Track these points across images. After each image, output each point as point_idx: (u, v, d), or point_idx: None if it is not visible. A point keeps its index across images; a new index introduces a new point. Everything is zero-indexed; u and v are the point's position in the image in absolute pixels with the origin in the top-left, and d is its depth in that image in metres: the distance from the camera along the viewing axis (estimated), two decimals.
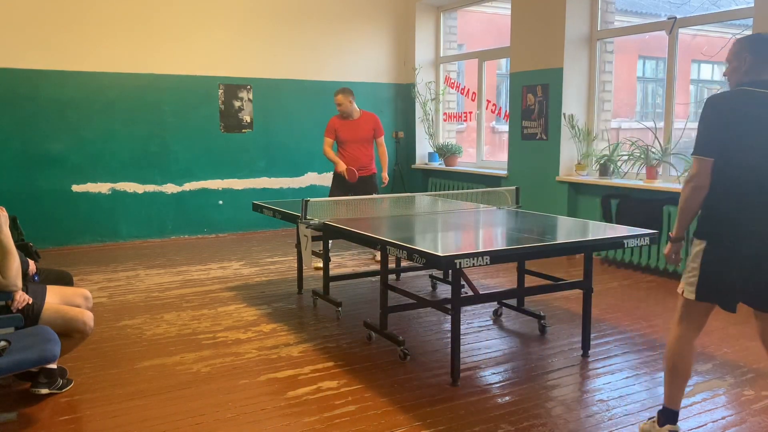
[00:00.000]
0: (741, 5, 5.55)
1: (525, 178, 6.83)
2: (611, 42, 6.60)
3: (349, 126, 6.02)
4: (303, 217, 4.24)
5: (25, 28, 6.63)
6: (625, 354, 3.81)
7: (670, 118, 5.90)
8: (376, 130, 6.12)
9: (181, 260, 6.47)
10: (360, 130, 6.04)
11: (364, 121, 6.07)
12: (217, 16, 7.53)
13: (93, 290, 5.11)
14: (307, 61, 8.10)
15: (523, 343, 4.06)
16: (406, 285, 5.22)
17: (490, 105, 8.03)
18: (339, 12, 8.24)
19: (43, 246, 6.45)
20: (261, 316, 4.59)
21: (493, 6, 9.47)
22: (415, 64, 8.59)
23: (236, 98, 7.77)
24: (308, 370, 3.57)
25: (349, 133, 6.02)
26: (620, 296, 5.13)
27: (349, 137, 6.02)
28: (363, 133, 6.06)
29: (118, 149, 7.21)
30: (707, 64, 11.99)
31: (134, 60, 7.17)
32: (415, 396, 3.22)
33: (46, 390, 3.21)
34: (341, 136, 6.02)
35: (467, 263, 3.04)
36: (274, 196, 7.94)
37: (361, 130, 6.05)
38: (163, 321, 4.49)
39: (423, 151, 8.86)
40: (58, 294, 3.40)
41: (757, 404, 3.13)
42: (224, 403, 3.15)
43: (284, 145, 8.08)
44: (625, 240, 3.56)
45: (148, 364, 3.67)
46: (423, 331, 4.28)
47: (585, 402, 3.20)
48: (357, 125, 6.03)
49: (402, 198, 5.56)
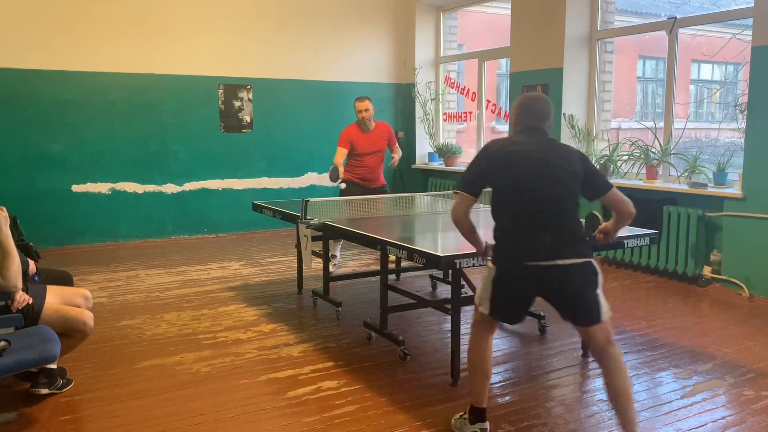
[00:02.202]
0: (741, 5, 5.55)
1: None
2: (611, 42, 6.60)
3: (367, 138, 5.70)
4: (303, 217, 4.25)
5: (25, 28, 6.63)
6: (625, 354, 3.81)
7: (670, 118, 5.90)
8: (390, 140, 5.88)
9: (181, 260, 6.47)
10: (377, 142, 5.76)
11: (379, 133, 5.79)
12: (217, 16, 7.53)
13: (93, 290, 5.11)
14: (307, 61, 8.10)
15: (523, 343, 4.06)
16: (406, 285, 5.22)
17: (490, 105, 8.03)
18: (339, 12, 8.24)
19: (43, 246, 6.44)
20: (261, 316, 4.59)
21: (493, 6, 9.46)
22: (415, 64, 8.59)
23: (236, 98, 7.77)
24: (308, 370, 3.57)
25: (368, 146, 5.70)
26: (620, 296, 5.13)
27: (367, 149, 5.71)
28: (380, 145, 5.79)
29: (118, 149, 7.21)
30: (707, 64, 11.98)
31: (134, 60, 7.17)
32: (415, 396, 3.23)
33: (46, 390, 3.21)
34: (359, 148, 5.66)
35: (467, 263, 3.04)
36: (274, 196, 7.94)
37: (378, 142, 5.78)
38: (163, 321, 4.49)
39: (423, 151, 8.86)
40: (58, 294, 3.39)
41: (757, 404, 3.13)
42: (224, 403, 3.15)
43: (284, 145, 8.08)
44: (625, 240, 3.56)
45: (148, 364, 3.67)
46: (423, 331, 4.28)
47: (585, 402, 3.20)
48: (374, 137, 5.74)
49: (402, 198, 5.55)
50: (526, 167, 2.62)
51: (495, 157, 2.67)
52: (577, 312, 2.63)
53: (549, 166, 2.62)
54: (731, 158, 5.40)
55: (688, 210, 5.36)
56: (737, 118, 5.40)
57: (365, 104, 5.66)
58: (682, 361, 3.69)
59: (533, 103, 2.81)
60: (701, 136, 10.53)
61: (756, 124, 4.94)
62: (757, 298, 4.97)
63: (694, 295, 5.16)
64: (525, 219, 2.61)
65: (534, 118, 2.76)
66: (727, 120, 10.12)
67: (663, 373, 3.53)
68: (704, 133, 10.73)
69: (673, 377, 3.48)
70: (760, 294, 4.99)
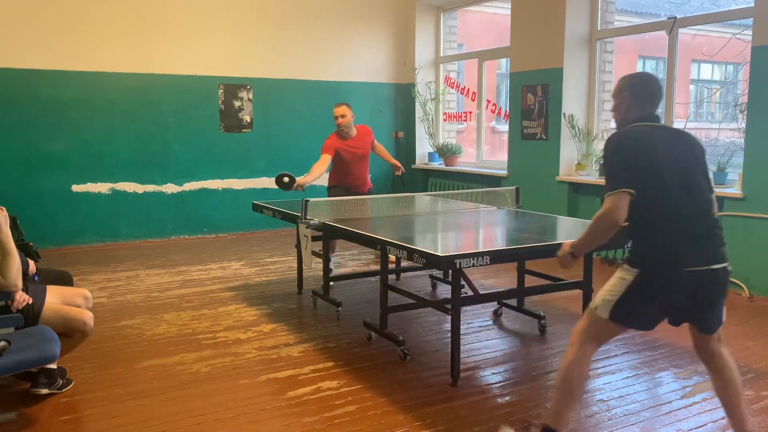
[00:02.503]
0: (741, 5, 5.55)
1: (525, 178, 6.83)
2: (611, 42, 6.60)
3: (351, 146, 5.47)
4: (303, 217, 4.25)
5: (25, 28, 6.63)
6: (625, 354, 3.81)
7: (670, 117, 5.90)
8: (372, 142, 5.69)
9: (181, 260, 6.47)
10: (361, 149, 5.55)
11: (361, 139, 5.56)
12: (217, 16, 7.53)
13: (93, 290, 5.11)
14: (307, 61, 8.10)
15: (523, 343, 4.06)
16: (406, 285, 5.22)
17: (490, 105, 8.03)
18: (339, 12, 8.24)
19: (43, 246, 6.44)
20: (261, 316, 4.59)
21: (493, 6, 9.46)
22: (415, 64, 8.59)
23: (236, 98, 7.77)
24: (308, 370, 3.57)
25: (352, 154, 5.49)
26: None
27: (352, 157, 5.49)
28: (364, 150, 5.58)
29: (118, 149, 7.21)
30: (707, 64, 11.98)
31: (134, 60, 7.17)
32: (415, 396, 3.22)
33: (46, 390, 3.21)
34: (345, 157, 5.44)
35: (467, 263, 3.04)
36: (274, 196, 7.90)
37: (362, 148, 5.56)
38: (163, 321, 4.49)
39: (423, 151, 8.86)
40: (58, 294, 3.40)
41: (757, 404, 3.13)
42: (224, 403, 3.15)
43: (284, 145, 8.08)
44: None
45: (148, 364, 3.67)
46: (423, 331, 4.28)
47: (585, 402, 3.20)
48: (356, 144, 5.52)
49: (402, 198, 5.55)
50: (674, 161, 2.39)
51: (640, 152, 2.38)
52: (710, 318, 2.47)
53: (691, 160, 2.43)
54: (731, 158, 5.40)
55: None
56: (737, 118, 5.40)
57: (341, 110, 5.35)
58: (682, 361, 3.69)
59: (653, 84, 2.54)
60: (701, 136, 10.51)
61: (756, 124, 4.94)
62: (757, 298, 4.97)
63: None
64: (680, 219, 2.36)
65: (657, 101, 2.51)
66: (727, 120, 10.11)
67: (663, 373, 3.53)
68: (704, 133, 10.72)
69: (673, 377, 3.48)
70: (760, 294, 4.99)
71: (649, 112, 2.51)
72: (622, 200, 2.33)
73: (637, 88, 2.53)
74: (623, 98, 2.55)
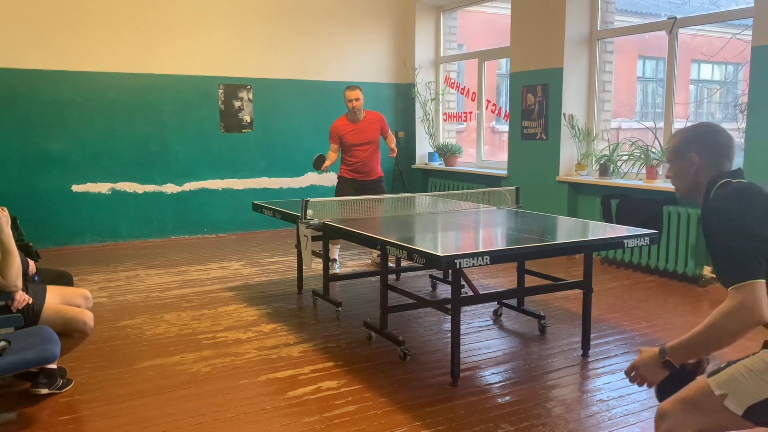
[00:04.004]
0: (741, 5, 5.55)
1: (525, 178, 6.83)
2: (611, 42, 6.60)
3: (356, 129, 5.64)
4: (303, 217, 4.25)
5: (25, 28, 6.63)
6: (625, 354, 3.81)
7: (670, 118, 5.90)
8: (383, 130, 5.81)
9: (181, 260, 6.47)
10: (367, 132, 5.68)
11: (369, 122, 5.71)
12: (217, 16, 7.53)
13: (93, 290, 5.11)
14: (307, 61, 8.10)
15: (523, 343, 4.06)
16: (406, 285, 5.22)
17: (490, 105, 8.03)
18: (339, 12, 8.24)
19: (43, 246, 6.45)
20: (261, 316, 4.59)
21: (493, 6, 9.46)
22: (415, 64, 8.59)
23: (236, 98, 7.77)
24: (308, 370, 3.57)
25: (357, 137, 5.63)
26: (620, 296, 5.13)
27: (357, 140, 5.63)
28: (371, 135, 5.70)
29: (118, 149, 7.22)
30: (707, 64, 11.98)
31: (134, 60, 7.17)
32: (415, 396, 3.22)
33: (46, 390, 3.21)
34: (348, 140, 5.63)
35: (467, 263, 3.04)
36: (274, 196, 7.94)
37: (369, 132, 5.69)
38: (163, 321, 4.49)
39: (423, 151, 8.86)
40: (58, 294, 3.40)
41: None
42: (224, 403, 3.15)
43: (284, 145, 8.08)
44: (625, 240, 3.56)
45: (148, 364, 3.67)
46: (423, 331, 4.28)
47: (585, 402, 3.20)
48: (363, 128, 5.67)
49: (402, 198, 5.55)
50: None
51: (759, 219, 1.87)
52: None
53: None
54: None
55: (688, 210, 5.36)
56: (737, 118, 5.40)
57: (356, 93, 5.60)
58: None
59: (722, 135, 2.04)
60: None
61: (756, 124, 4.94)
62: None
63: (694, 295, 5.16)
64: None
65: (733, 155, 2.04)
66: (727, 120, 10.12)
67: None
68: None
69: None
70: None
71: (727, 169, 2.02)
72: (758, 291, 1.80)
73: (705, 144, 2.03)
74: (691, 161, 2.04)
